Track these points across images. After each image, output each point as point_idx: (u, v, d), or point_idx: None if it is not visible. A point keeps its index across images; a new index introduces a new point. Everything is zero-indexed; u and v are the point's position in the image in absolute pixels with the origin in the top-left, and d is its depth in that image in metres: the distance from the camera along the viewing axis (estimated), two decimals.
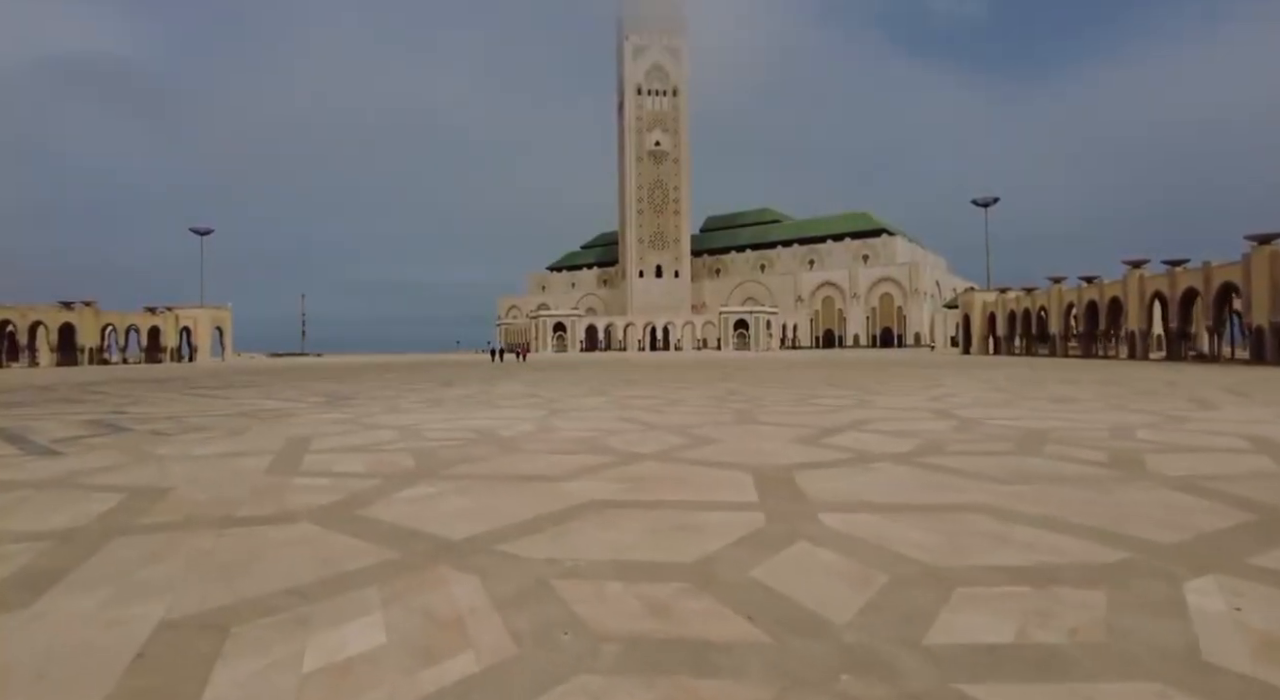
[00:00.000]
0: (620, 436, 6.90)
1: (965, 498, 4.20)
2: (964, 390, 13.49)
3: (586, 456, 5.62)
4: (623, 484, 4.43)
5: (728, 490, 4.30)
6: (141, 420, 9.23)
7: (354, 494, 4.21)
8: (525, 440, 6.70)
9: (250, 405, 11.69)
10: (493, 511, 3.72)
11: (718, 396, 12.31)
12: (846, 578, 2.79)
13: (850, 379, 18.19)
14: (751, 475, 4.75)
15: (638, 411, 9.62)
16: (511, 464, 5.25)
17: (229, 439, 7.09)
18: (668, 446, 6.16)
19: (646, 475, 4.75)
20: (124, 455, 6.02)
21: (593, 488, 4.31)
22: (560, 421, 8.33)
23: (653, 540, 3.21)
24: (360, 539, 3.22)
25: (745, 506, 3.90)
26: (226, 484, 4.62)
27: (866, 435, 6.91)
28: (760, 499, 4.07)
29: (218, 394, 14.90)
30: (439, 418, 8.98)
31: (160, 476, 4.95)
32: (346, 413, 9.89)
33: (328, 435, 7.29)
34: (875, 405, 10.34)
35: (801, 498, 4.11)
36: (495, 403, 11.50)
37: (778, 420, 8.25)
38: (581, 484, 4.45)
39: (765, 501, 4.00)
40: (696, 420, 8.31)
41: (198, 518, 3.68)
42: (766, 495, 4.16)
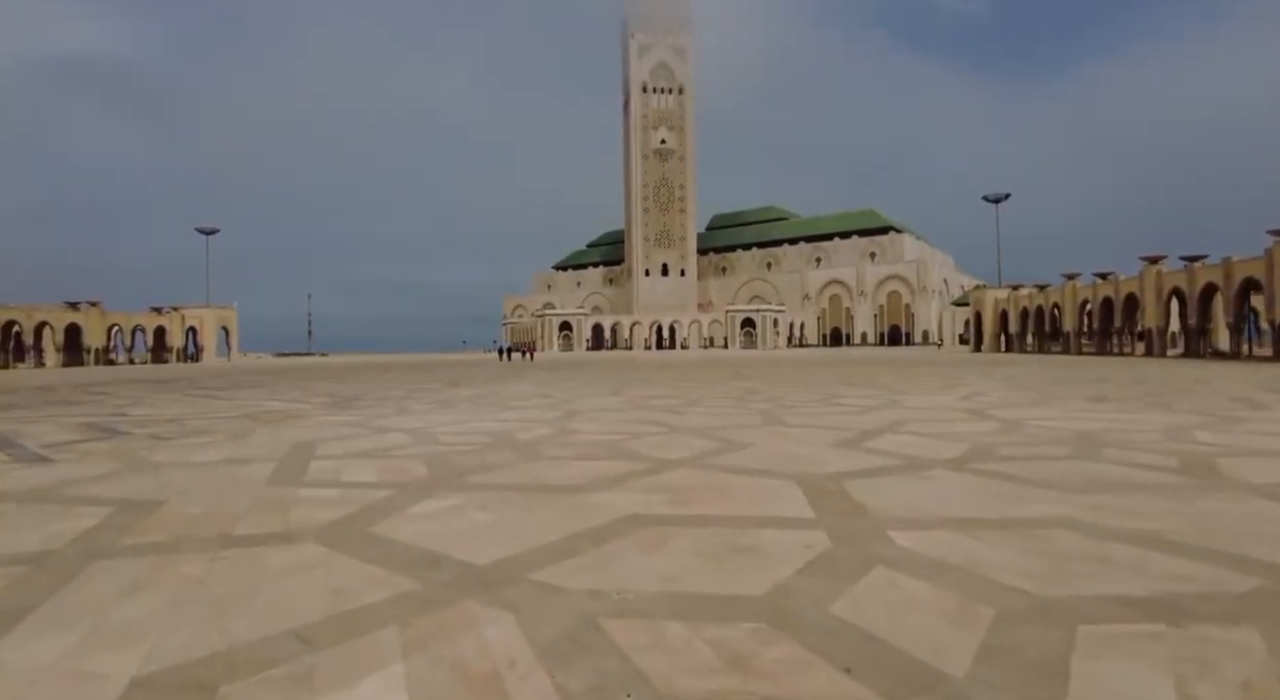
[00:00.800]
0: (644, 440, 6.48)
1: (1042, 510, 3.78)
2: (989, 389, 13.03)
3: (612, 463, 5.20)
4: (659, 495, 4.02)
5: (777, 503, 3.88)
6: (141, 423, 8.87)
7: (364, 507, 3.81)
8: (544, 444, 6.30)
9: (254, 407, 11.33)
10: (520, 530, 3.31)
11: (736, 396, 11.88)
12: (945, 613, 2.37)
13: (868, 377, 17.73)
14: (798, 485, 4.33)
15: (657, 412, 9.21)
16: (533, 472, 4.85)
17: (231, 444, 6.71)
18: (698, 452, 5.74)
19: (682, 485, 4.34)
20: (117, 462, 5.64)
21: (626, 500, 3.90)
22: (578, 424, 7.92)
23: (708, 566, 2.79)
24: (373, 564, 2.82)
25: (802, 523, 3.48)
26: (225, 495, 4.23)
27: (907, 438, 6.48)
28: (816, 514, 3.65)
29: (222, 395, 14.56)
30: (451, 420, 8.59)
31: (154, 487, 4.56)
32: (354, 415, 9.51)
33: (335, 439, 6.90)
34: (904, 405, 9.89)
35: (862, 512, 3.69)
36: (507, 404, 11.10)
37: (808, 422, 7.82)
38: (613, 496, 4.04)
39: (823, 517, 3.58)
40: (721, 422, 7.89)
41: (190, 537, 3.28)
42: (822, 509, 3.74)
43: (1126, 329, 40.38)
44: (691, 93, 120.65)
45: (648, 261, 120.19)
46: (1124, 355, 38.17)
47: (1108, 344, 41.83)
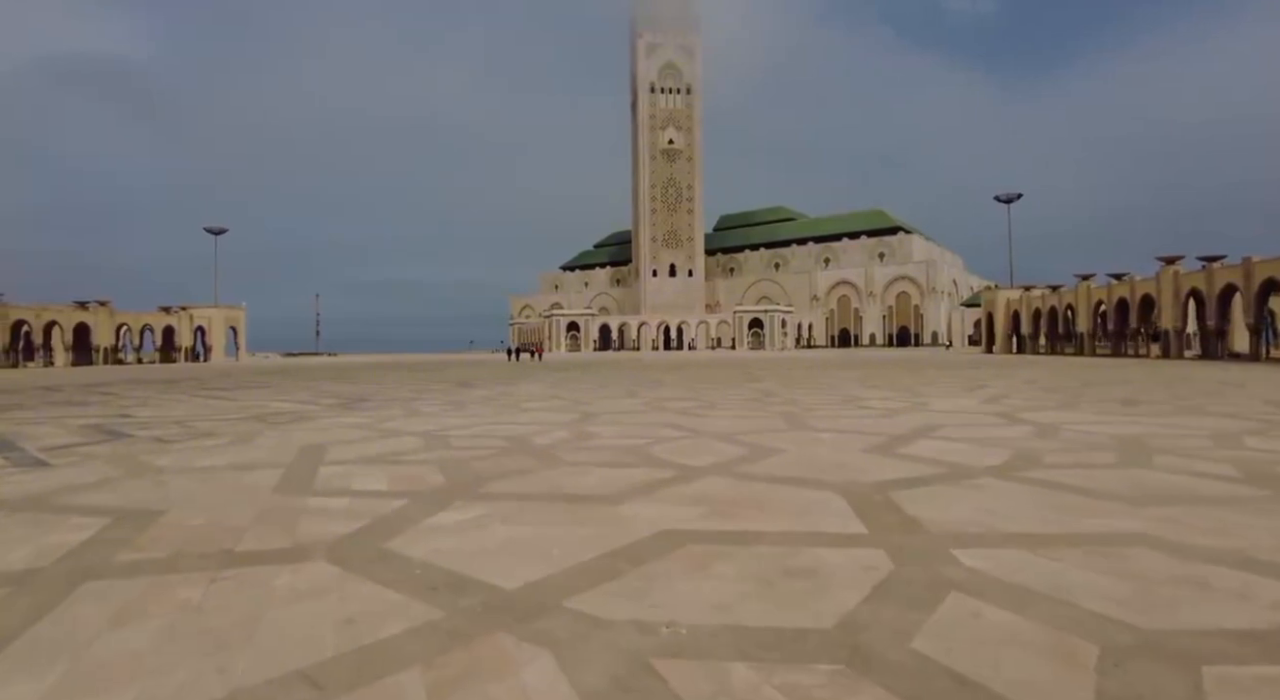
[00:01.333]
0: (667, 445, 6.19)
1: (1113, 524, 3.47)
2: (1013, 391, 12.68)
3: (638, 470, 4.92)
4: (694, 508, 3.73)
5: (823, 516, 3.59)
6: (146, 425, 8.64)
7: (378, 519, 3.53)
8: (564, 449, 6.02)
9: (261, 408, 11.10)
10: (548, 547, 3.03)
11: (754, 398, 11.58)
12: (1043, 650, 2.07)
13: (886, 379, 17.38)
14: (841, 496, 4.04)
15: (676, 415, 8.91)
16: (555, 480, 4.56)
17: (237, 447, 6.46)
18: (726, 458, 5.45)
19: (717, 495, 4.04)
20: (118, 467, 5.39)
21: (661, 513, 3.61)
22: (596, 427, 7.64)
23: (763, 593, 2.50)
24: (390, 588, 2.54)
25: (855, 540, 3.18)
26: (228, 505, 3.97)
27: (943, 443, 6.17)
28: (869, 529, 3.35)
29: (229, 395, 14.35)
30: (464, 422, 8.32)
31: (154, 495, 4.30)
32: (363, 417, 9.26)
33: (345, 442, 6.64)
34: (929, 408, 9.57)
35: (916, 527, 3.39)
36: (520, 405, 10.82)
37: (834, 426, 7.51)
38: (645, 507, 3.75)
39: (877, 533, 3.29)
40: (745, 426, 7.59)
41: (189, 553, 3.01)
42: (873, 524, 3.44)
43: (1141, 330, 39.82)
44: (699, 93, 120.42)
45: (655, 262, 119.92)
46: (1139, 357, 37.64)
47: (1123, 345, 41.27)
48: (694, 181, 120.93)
